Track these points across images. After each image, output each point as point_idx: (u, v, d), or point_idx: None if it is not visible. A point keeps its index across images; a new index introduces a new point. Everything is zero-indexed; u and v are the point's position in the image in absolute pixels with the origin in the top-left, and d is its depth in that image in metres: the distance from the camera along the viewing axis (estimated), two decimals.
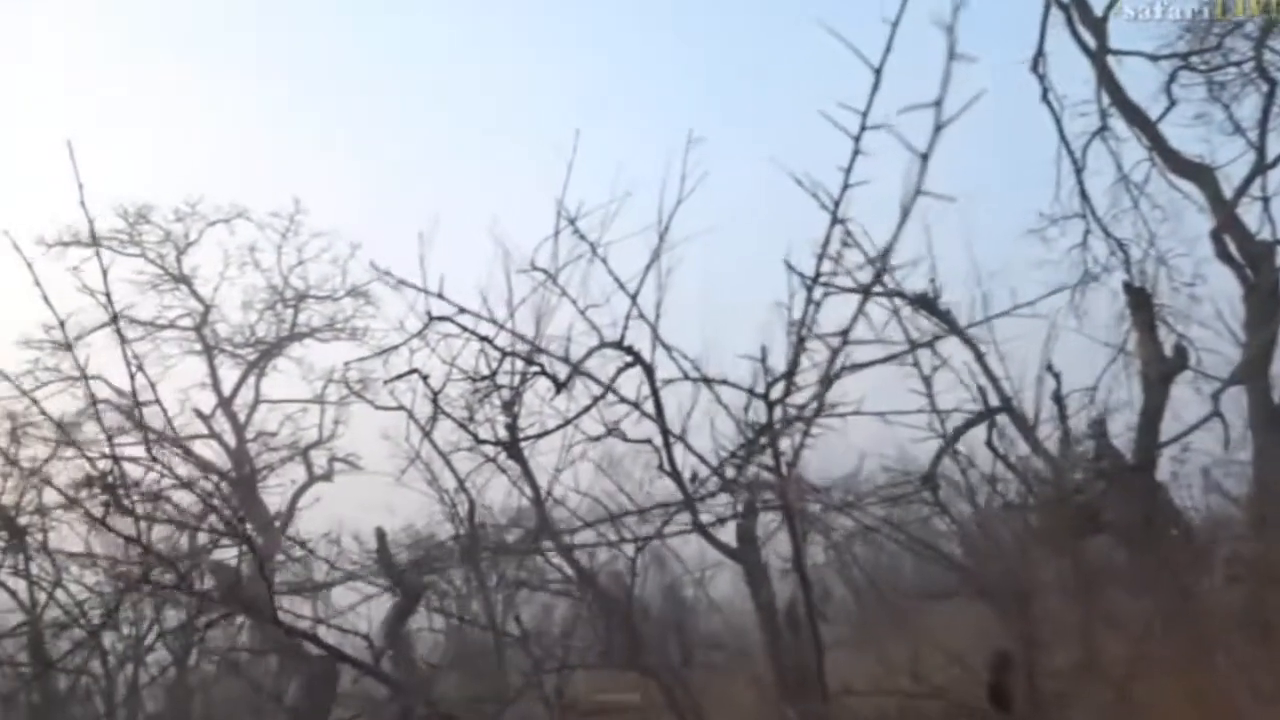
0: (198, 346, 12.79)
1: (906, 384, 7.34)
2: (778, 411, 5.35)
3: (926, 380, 7.44)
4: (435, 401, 5.82)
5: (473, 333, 5.50)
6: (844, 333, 5.02)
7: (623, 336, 5.53)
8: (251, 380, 13.05)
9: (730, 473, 5.90)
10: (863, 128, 4.39)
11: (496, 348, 5.60)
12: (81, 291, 10.61)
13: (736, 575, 6.88)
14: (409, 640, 9.88)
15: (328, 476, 12.84)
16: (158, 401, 5.86)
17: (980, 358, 8.07)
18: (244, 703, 10.04)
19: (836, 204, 4.70)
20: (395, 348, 6.01)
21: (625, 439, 6.13)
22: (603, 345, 5.56)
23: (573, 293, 5.43)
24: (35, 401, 8.29)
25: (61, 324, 5.28)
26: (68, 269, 11.74)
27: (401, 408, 6.60)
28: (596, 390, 5.72)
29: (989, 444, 8.21)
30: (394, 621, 9.20)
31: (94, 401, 12.13)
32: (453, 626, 11.36)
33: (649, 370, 5.68)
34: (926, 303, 7.31)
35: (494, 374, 5.65)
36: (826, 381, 5.20)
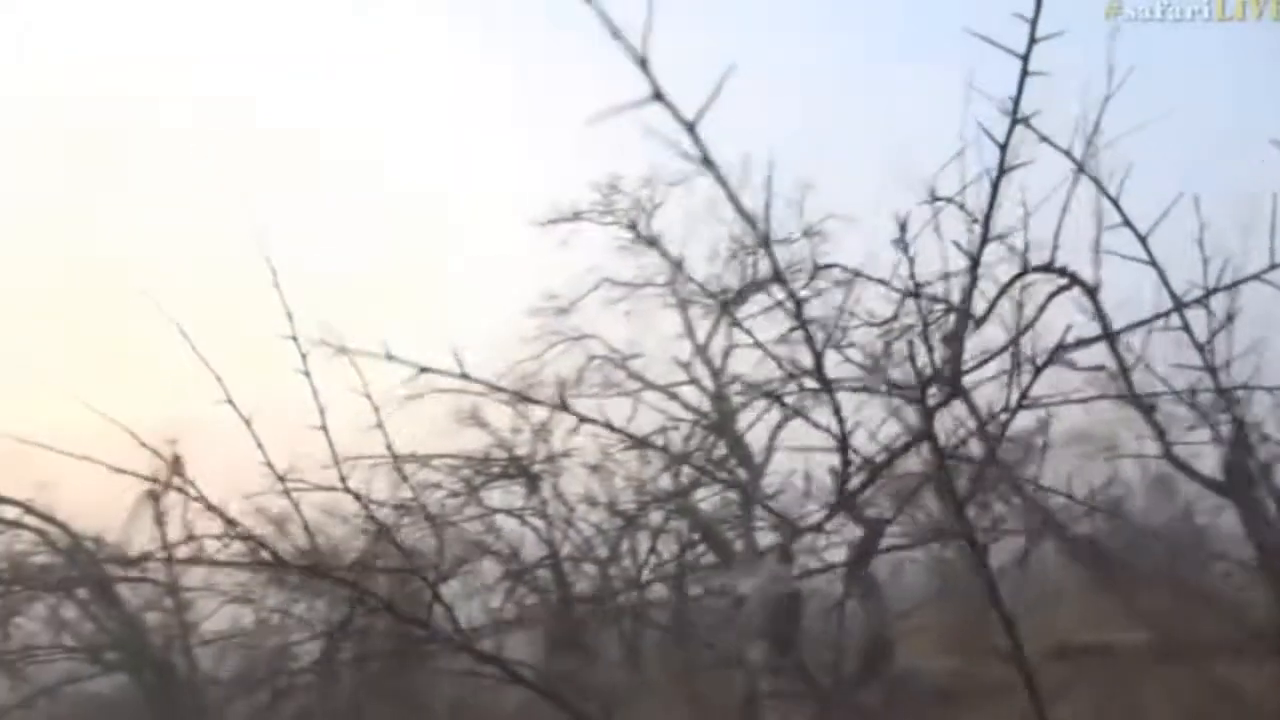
0: (672, 301, 13.56)
1: None
2: None
3: None
4: (839, 350, 5.68)
5: (870, 277, 5.26)
6: None
7: (1052, 259, 4.95)
8: (723, 327, 13.60)
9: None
10: None
11: (895, 288, 5.31)
12: (572, 262, 11.85)
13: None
14: (873, 580, 9.82)
15: (801, 414, 13.00)
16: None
17: None
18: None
19: None
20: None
21: (1075, 367, 5.52)
22: (1030, 270, 5.03)
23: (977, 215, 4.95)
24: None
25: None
26: (558, 243, 13.03)
27: (837, 347, 6.56)
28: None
29: None
30: (856, 561, 9.23)
31: (590, 359, 13.46)
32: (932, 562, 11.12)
33: (1091, 292, 5.02)
34: None
35: (895, 316, 5.37)
36: None
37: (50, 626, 10.34)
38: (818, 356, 5.72)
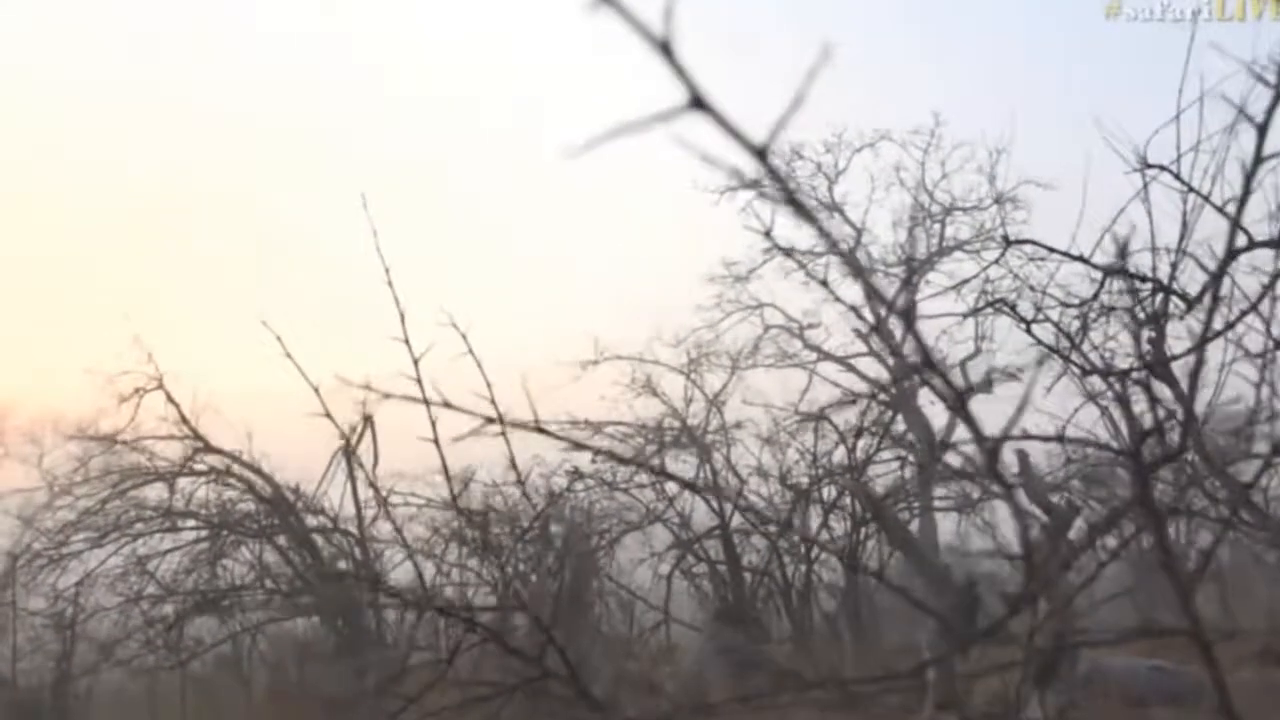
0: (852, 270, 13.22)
1: None
2: None
3: None
4: (1030, 330, 5.28)
5: (1062, 253, 4.83)
6: None
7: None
8: (904, 297, 13.13)
9: None
10: None
11: (1095, 265, 4.86)
12: (750, 230, 11.68)
13: None
14: (1060, 571, 9.25)
15: (986, 388, 12.36)
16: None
17: None
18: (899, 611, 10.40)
19: None
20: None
21: None
22: (1253, 245, 4.50)
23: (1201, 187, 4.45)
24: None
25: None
26: (738, 211, 12.89)
27: (1030, 322, 6.15)
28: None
29: None
30: (1041, 549, 8.68)
31: (767, 328, 13.25)
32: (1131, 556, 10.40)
33: None
34: None
35: (1096, 296, 4.93)
36: None
37: (254, 570, 11.09)
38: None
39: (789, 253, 11.90)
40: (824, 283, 11.25)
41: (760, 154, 0.82)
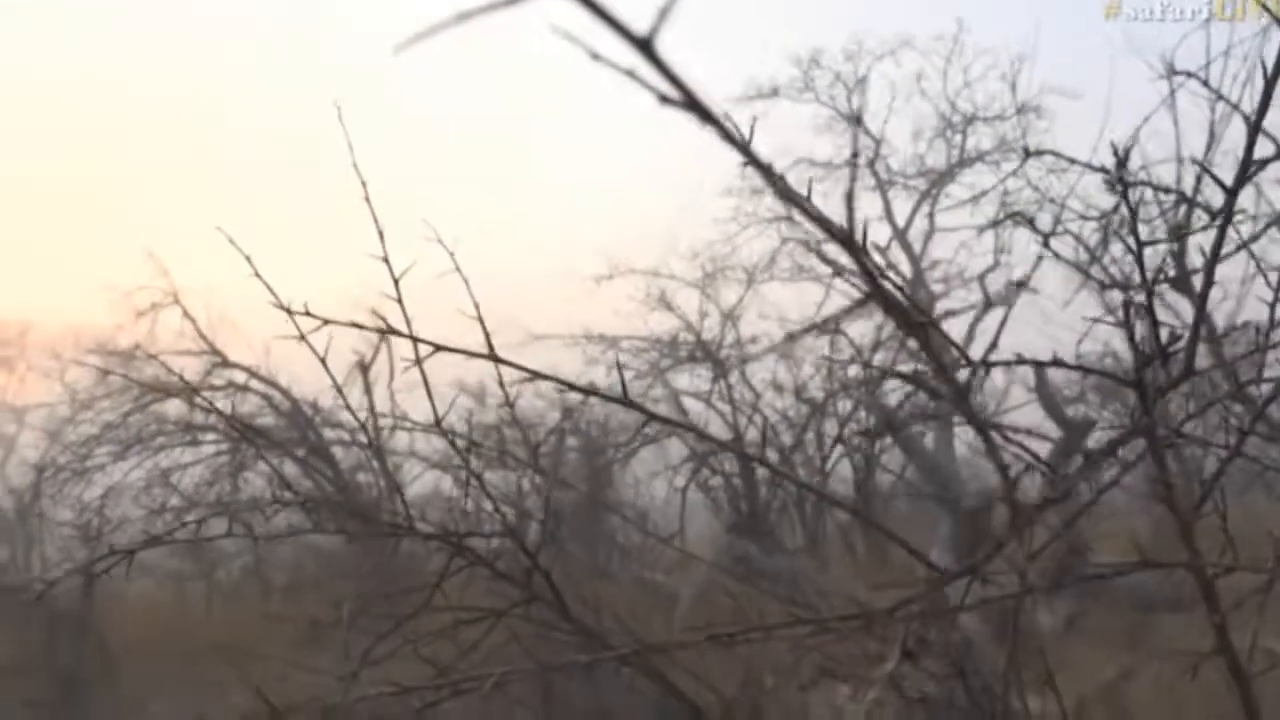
0: (871, 182, 12.98)
1: None
2: None
3: None
4: (1046, 244, 5.19)
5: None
6: None
7: None
8: (924, 210, 12.97)
9: None
10: None
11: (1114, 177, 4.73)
12: (767, 141, 11.45)
13: None
14: (1072, 484, 9.23)
15: (1004, 302, 12.37)
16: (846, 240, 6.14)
17: None
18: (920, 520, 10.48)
19: None
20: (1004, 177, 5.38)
21: None
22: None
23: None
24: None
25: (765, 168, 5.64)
26: (753, 120, 12.67)
27: (1048, 235, 6.06)
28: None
29: None
30: (1055, 462, 8.64)
31: (784, 241, 13.10)
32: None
33: None
34: None
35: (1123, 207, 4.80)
36: None
37: (273, 483, 11.25)
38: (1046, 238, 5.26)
39: (767, 170, 11.71)
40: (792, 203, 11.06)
41: (644, 46, 0.73)
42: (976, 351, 11.44)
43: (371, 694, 2.43)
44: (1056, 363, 2.14)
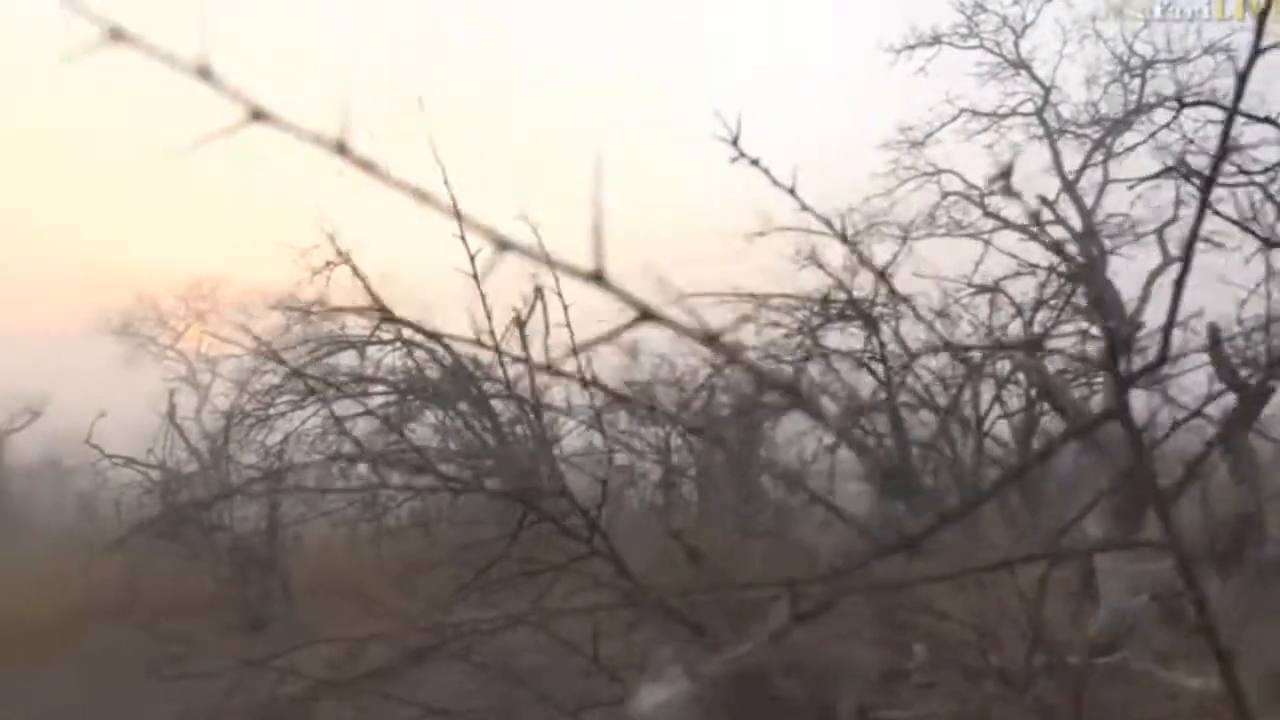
0: (1039, 131, 12.43)
1: None
2: None
3: None
4: (1205, 197, 4.83)
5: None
6: None
7: None
8: (1098, 160, 12.36)
9: None
10: None
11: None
12: (929, 91, 11.16)
13: None
14: (1249, 452, 8.70)
15: (1183, 258, 11.61)
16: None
17: None
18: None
19: None
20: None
21: None
22: None
23: None
24: None
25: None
26: (915, 71, 12.31)
27: (1206, 187, 5.69)
28: None
29: None
30: (1228, 428, 8.18)
31: (945, 195, 12.76)
32: None
33: None
34: None
35: None
36: None
37: (439, 433, 11.80)
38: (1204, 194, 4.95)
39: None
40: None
41: None
42: (1154, 310, 10.86)
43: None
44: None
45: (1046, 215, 12.05)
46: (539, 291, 12.17)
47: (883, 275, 10.44)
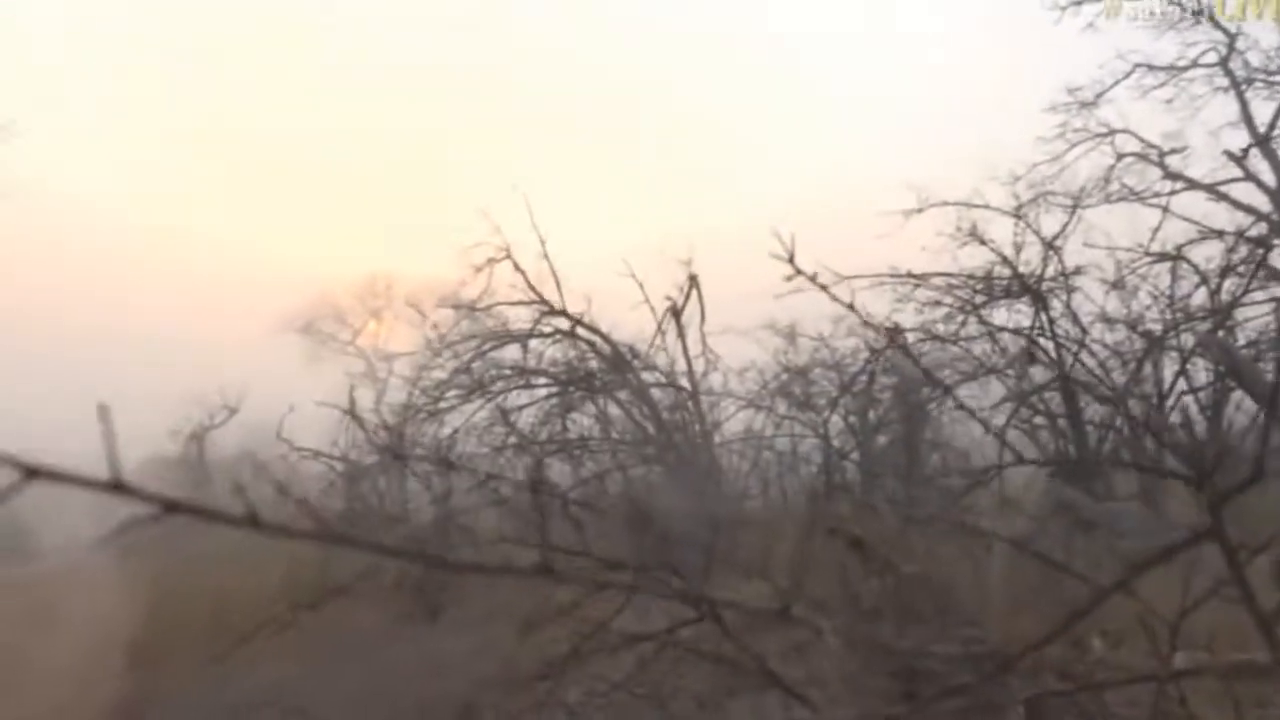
0: (1225, 82, 11.61)
1: None
2: None
3: None
4: None
5: None
6: None
7: None
8: None
9: None
10: None
11: None
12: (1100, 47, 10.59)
13: None
14: None
15: None
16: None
17: None
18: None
19: None
20: None
21: None
22: None
23: None
24: None
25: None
26: (1084, 27, 11.74)
27: None
28: None
29: None
30: None
31: (1119, 157, 12.10)
32: None
33: None
34: None
35: None
36: None
37: (599, 422, 12.05)
38: None
39: None
40: None
41: None
42: None
43: None
44: None
45: (1235, 172, 11.30)
46: (693, 280, 12.23)
47: (1051, 246, 9.97)
